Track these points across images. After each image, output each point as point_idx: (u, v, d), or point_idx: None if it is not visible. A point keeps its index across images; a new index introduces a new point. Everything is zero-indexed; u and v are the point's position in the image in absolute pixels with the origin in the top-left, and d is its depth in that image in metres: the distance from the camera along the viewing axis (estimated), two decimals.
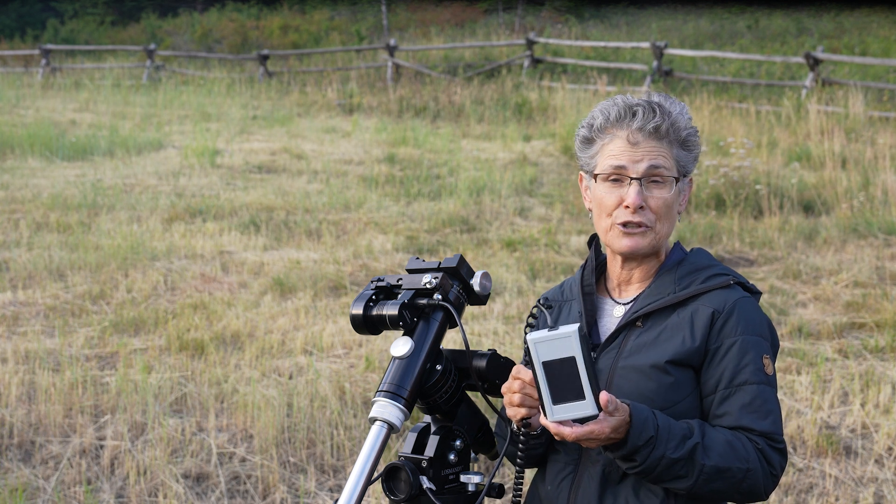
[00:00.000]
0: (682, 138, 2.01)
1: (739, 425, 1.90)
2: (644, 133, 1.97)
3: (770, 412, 1.92)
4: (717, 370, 1.93)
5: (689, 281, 2.00)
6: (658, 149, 1.98)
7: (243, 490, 4.46)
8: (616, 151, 1.98)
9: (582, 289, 2.09)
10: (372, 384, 5.41)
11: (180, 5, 38.26)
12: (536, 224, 9.33)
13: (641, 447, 1.80)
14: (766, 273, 7.62)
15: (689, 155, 2.03)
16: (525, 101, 16.98)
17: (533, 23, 30.94)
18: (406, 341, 1.81)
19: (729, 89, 18.09)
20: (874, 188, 9.80)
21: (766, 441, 1.91)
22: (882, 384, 5.27)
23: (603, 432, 1.75)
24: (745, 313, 1.95)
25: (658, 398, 1.92)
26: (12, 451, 4.75)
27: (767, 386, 1.93)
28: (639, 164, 1.97)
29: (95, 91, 20.93)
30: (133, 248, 8.17)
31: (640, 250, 2.00)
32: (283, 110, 18.14)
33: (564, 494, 1.97)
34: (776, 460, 1.91)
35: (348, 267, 7.79)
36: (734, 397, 1.92)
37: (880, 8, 27.70)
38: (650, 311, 1.98)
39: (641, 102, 2.00)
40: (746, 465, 1.87)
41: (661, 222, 1.99)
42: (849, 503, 4.26)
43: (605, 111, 2.01)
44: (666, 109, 1.99)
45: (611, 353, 1.99)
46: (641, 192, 1.97)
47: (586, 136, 2.04)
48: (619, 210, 1.99)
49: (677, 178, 2.00)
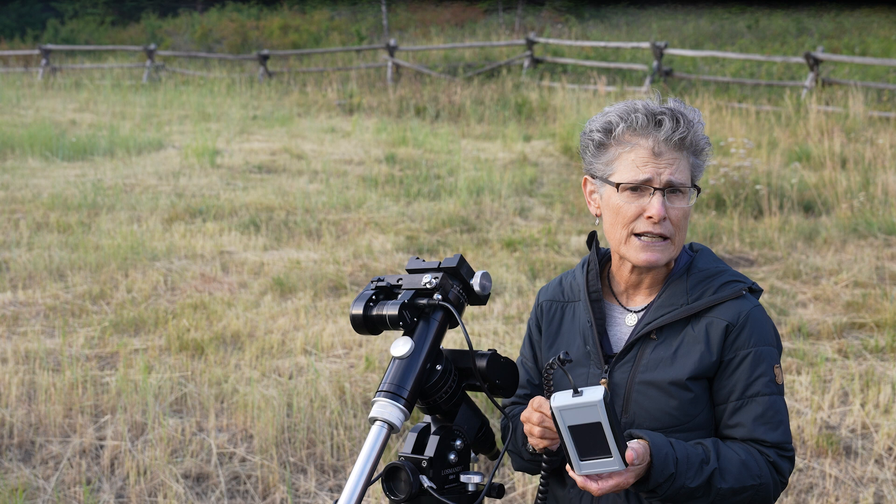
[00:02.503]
0: (700, 148, 1.99)
1: (752, 437, 1.94)
2: (669, 144, 1.93)
3: (781, 422, 1.95)
4: (731, 381, 1.95)
5: (702, 291, 1.99)
6: (679, 160, 1.95)
7: (243, 490, 4.46)
8: (640, 162, 1.93)
9: (589, 295, 2.06)
10: (372, 384, 5.41)
11: (180, 5, 38.27)
12: (536, 224, 9.33)
13: (662, 483, 1.84)
14: (766, 273, 7.62)
15: (701, 164, 2.01)
16: (525, 101, 16.99)
17: (533, 23, 30.95)
18: (406, 341, 1.81)
19: (729, 89, 18.10)
20: (874, 188, 9.80)
21: (777, 451, 1.94)
22: (882, 384, 5.27)
23: (627, 483, 1.79)
24: (757, 324, 1.97)
25: (679, 414, 1.94)
26: (12, 451, 4.75)
27: (779, 396, 1.96)
28: (662, 175, 1.93)
29: (95, 91, 20.94)
30: (133, 248, 8.17)
31: (659, 264, 1.98)
32: (283, 110, 18.14)
33: (588, 498, 2.00)
34: (785, 468, 1.96)
35: (348, 267, 7.79)
36: (747, 408, 1.94)
37: (880, 8, 27.71)
38: (664, 324, 1.97)
39: (665, 111, 1.95)
40: (759, 480, 1.91)
41: (679, 233, 1.98)
42: (849, 503, 4.26)
43: (627, 118, 1.94)
44: (688, 119, 1.96)
45: (626, 367, 1.98)
46: (665, 203, 1.93)
47: (602, 142, 1.98)
48: (638, 221, 1.95)
49: (693, 188, 1.99)
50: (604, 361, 2.00)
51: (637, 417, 1.95)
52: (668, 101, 2.00)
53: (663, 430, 1.93)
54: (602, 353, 2.01)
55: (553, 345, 2.10)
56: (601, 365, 2.00)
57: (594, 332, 2.01)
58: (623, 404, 1.96)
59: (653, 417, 1.94)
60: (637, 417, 1.95)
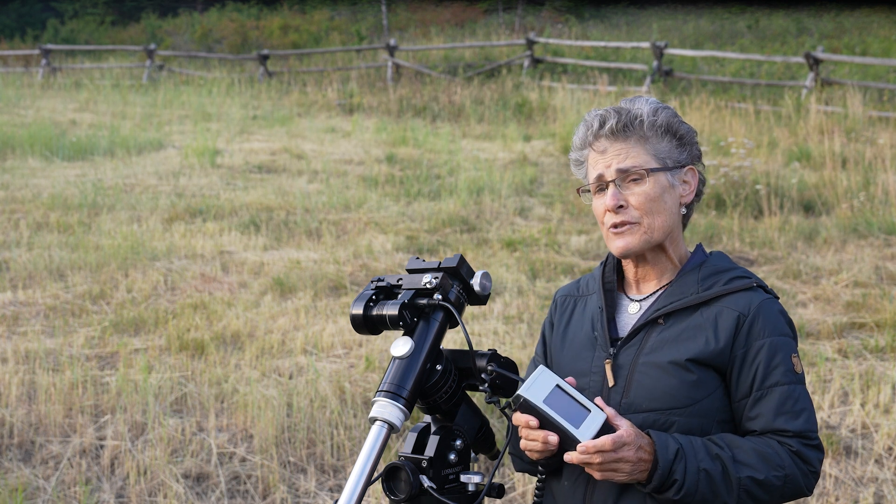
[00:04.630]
0: (653, 131, 2.03)
1: (773, 427, 1.93)
2: (608, 138, 2.03)
3: (803, 410, 1.94)
4: (749, 374, 1.96)
5: (712, 282, 2.03)
6: (625, 149, 2.02)
7: (243, 490, 4.46)
8: (592, 163, 2.06)
9: (603, 285, 2.13)
10: (372, 384, 5.41)
11: (180, 5, 38.26)
12: (536, 224, 9.33)
13: (674, 461, 1.84)
14: (766, 273, 7.62)
15: (669, 145, 2.04)
16: (525, 101, 16.98)
17: (533, 23, 30.94)
18: (406, 341, 1.81)
19: (729, 89, 18.10)
20: (874, 188, 9.80)
21: (801, 441, 1.93)
22: (882, 384, 5.27)
23: (630, 434, 1.81)
24: (770, 315, 1.99)
25: (679, 394, 1.94)
26: (12, 451, 4.75)
27: (798, 385, 1.96)
28: (611, 166, 2.02)
29: (95, 91, 20.93)
30: (133, 248, 8.17)
31: (633, 249, 2.03)
32: (283, 110, 18.14)
33: (581, 491, 1.99)
34: (813, 457, 1.94)
35: (348, 267, 7.79)
36: (766, 399, 1.94)
37: (880, 8, 27.71)
38: (673, 310, 2.01)
39: (606, 110, 2.05)
40: (783, 471, 1.90)
41: (649, 216, 2.02)
42: (849, 503, 4.26)
43: (578, 131, 2.09)
44: (626, 109, 2.04)
45: (631, 350, 2.01)
46: (617, 193, 2.01)
47: (575, 159, 2.12)
48: (607, 215, 2.04)
49: (660, 170, 2.02)
50: (609, 345, 2.04)
51: (636, 398, 1.97)
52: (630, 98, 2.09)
53: (661, 410, 1.94)
54: (609, 338, 2.05)
55: (564, 333, 2.16)
56: (607, 348, 2.03)
57: (604, 318, 2.07)
58: (625, 385, 1.98)
59: (651, 397, 1.95)
60: (636, 398, 1.97)
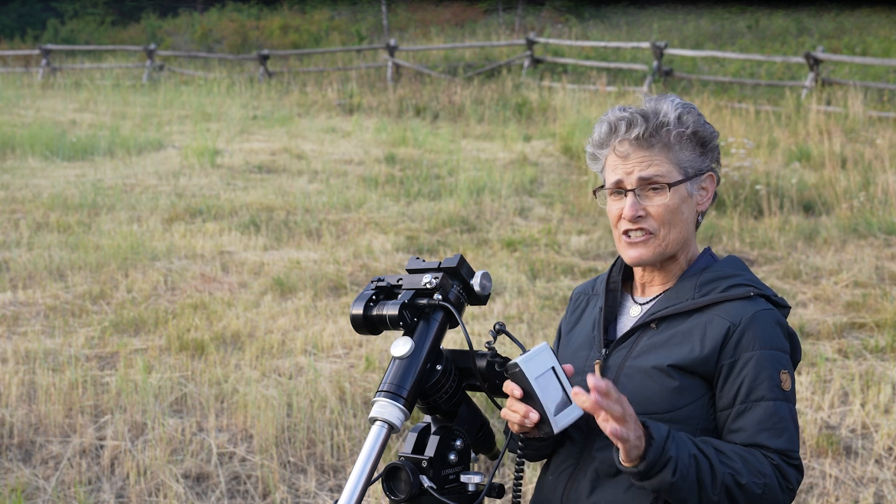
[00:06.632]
0: (678, 140, 1.97)
1: (754, 442, 1.89)
2: (631, 144, 1.98)
3: (785, 429, 1.89)
4: (734, 385, 1.91)
5: (710, 289, 1.99)
6: (648, 157, 1.97)
7: (243, 490, 4.46)
8: (612, 166, 2.01)
9: (607, 286, 2.12)
10: (372, 384, 5.41)
11: (180, 5, 38.27)
12: (536, 224, 9.33)
13: (666, 439, 1.80)
14: (766, 273, 7.62)
15: (693, 154, 2.00)
16: (525, 101, 16.98)
17: (533, 23, 30.95)
18: (406, 341, 1.81)
19: (729, 89, 18.10)
20: (874, 188, 9.80)
21: (782, 457, 1.89)
22: (882, 384, 5.27)
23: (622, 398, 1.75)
24: (763, 327, 1.92)
25: (659, 400, 1.92)
26: (12, 451, 4.75)
27: (784, 402, 1.90)
28: (630, 175, 1.97)
29: (95, 91, 20.93)
30: (133, 248, 8.17)
31: (646, 260, 2.00)
32: (283, 110, 18.13)
33: (562, 485, 2.01)
34: (792, 475, 1.89)
35: (348, 267, 7.79)
36: (749, 413, 1.90)
37: (880, 8, 27.71)
38: (666, 315, 1.98)
39: (628, 113, 1.99)
40: (763, 479, 1.85)
41: (666, 228, 1.98)
42: (849, 503, 4.26)
43: (599, 126, 2.04)
44: (652, 113, 1.97)
45: (621, 352, 2.00)
46: (636, 203, 1.97)
47: (591, 153, 2.07)
48: (622, 221, 2.00)
49: (682, 181, 1.98)
50: (603, 346, 2.03)
51: None
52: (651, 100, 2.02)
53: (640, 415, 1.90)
54: (604, 339, 2.04)
55: (571, 330, 2.16)
56: (600, 349, 2.03)
57: (601, 319, 2.06)
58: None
59: (633, 401, 1.91)
60: None
